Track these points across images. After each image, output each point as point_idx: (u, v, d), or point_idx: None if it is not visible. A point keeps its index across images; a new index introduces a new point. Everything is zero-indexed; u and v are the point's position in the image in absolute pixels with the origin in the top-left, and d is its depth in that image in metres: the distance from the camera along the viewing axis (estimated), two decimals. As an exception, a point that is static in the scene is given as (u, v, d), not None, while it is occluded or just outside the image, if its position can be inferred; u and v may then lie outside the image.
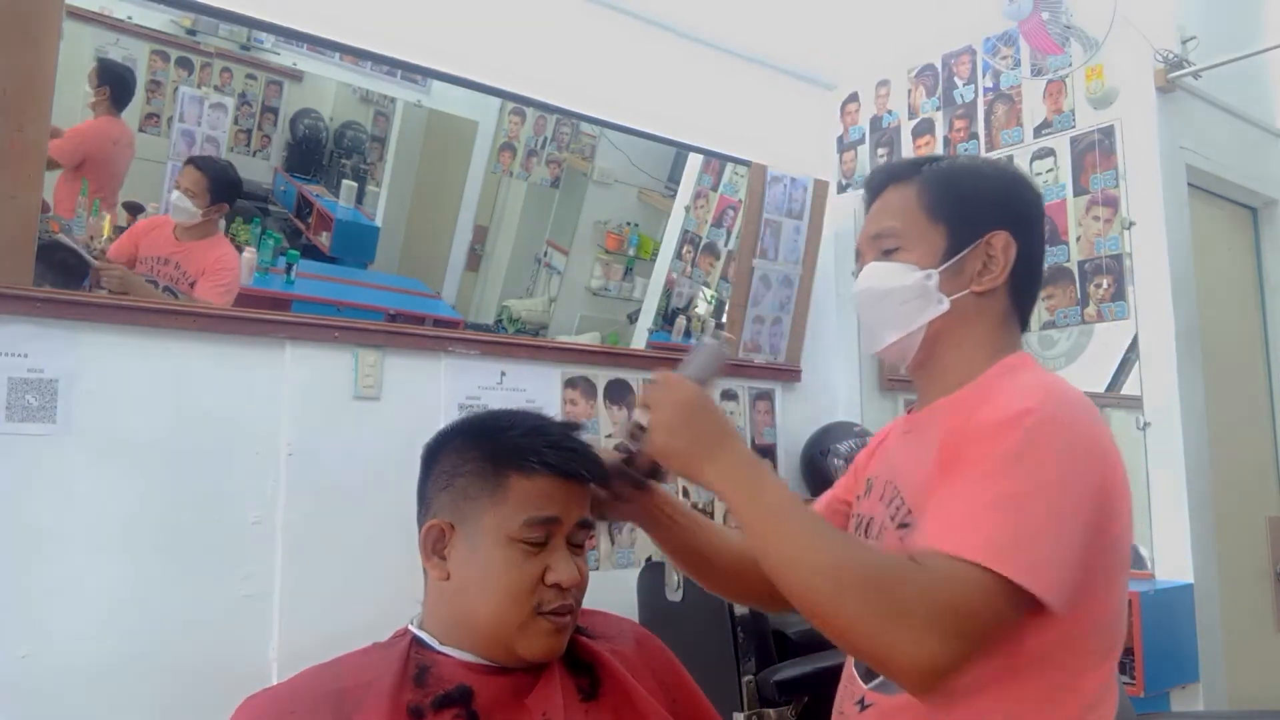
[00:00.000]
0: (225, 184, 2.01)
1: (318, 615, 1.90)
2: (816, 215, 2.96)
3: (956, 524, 0.87)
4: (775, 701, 2.02)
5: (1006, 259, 1.06)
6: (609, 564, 2.41)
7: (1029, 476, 0.87)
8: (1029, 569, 0.84)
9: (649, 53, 2.67)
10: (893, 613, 0.83)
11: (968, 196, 1.08)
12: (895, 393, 3.11)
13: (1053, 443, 0.90)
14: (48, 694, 1.63)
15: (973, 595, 0.83)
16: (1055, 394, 0.95)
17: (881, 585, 0.84)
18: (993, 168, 1.13)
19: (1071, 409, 0.94)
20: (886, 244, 1.09)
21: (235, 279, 2.03)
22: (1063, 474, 0.89)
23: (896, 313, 1.07)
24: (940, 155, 1.18)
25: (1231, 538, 2.58)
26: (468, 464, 1.06)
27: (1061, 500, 0.88)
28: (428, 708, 0.97)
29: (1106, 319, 2.51)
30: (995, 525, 0.85)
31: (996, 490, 0.87)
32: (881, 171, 1.15)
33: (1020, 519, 0.86)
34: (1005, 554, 0.83)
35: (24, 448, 1.66)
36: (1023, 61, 2.72)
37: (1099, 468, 0.92)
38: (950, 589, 0.83)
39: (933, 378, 1.09)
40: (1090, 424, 0.94)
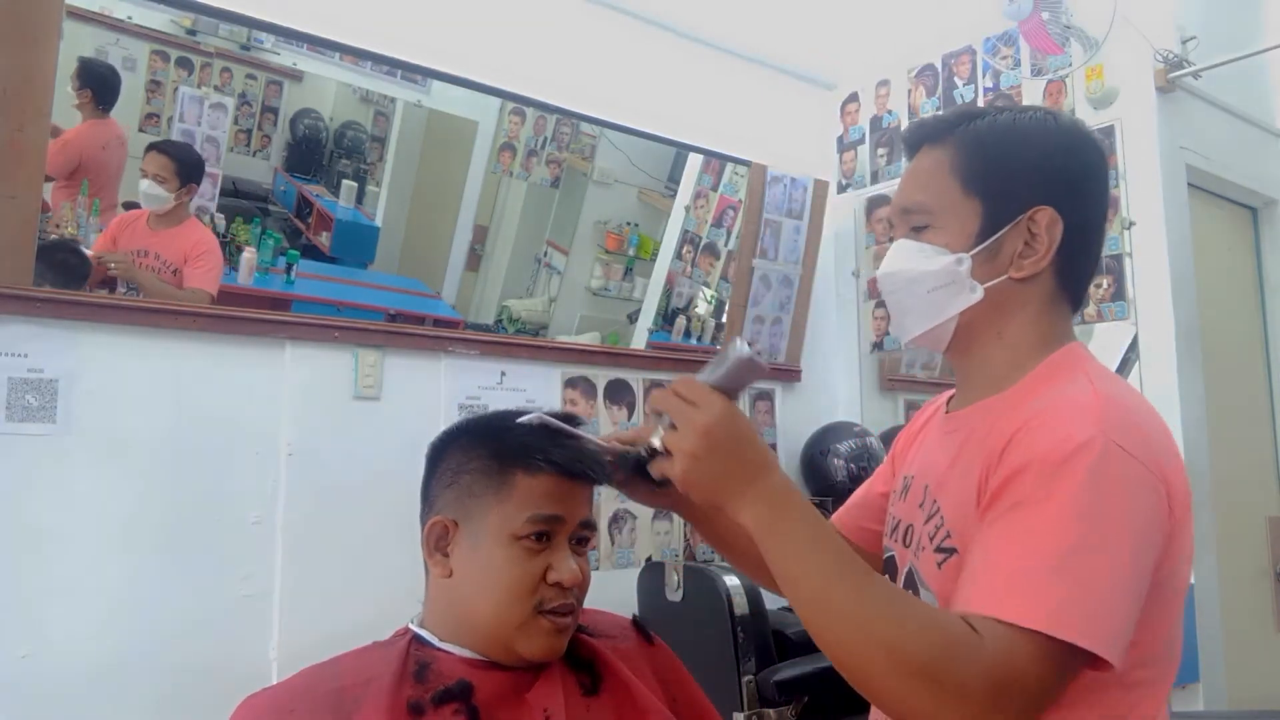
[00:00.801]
0: (191, 164, 2.00)
1: (318, 615, 1.90)
2: (816, 215, 2.96)
3: (1015, 587, 0.78)
4: (775, 701, 2.02)
5: (1051, 239, 0.92)
6: (609, 564, 2.41)
7: (1093, 529, 0.78)
8: (1092, 631, 0.77)
9: (649, 53, 2.67)
10: (953, 693, 0.75)
11: (1006, 165, 0.94)
12: (895, 393, 3.11)
13: (1116, 485, 0.80)
14: (48, 694, 1.63)
15: (1035, 666, 0.76)
16: (1114, 414, 0.84)
17: (940, 664, 0.76)
18: (1041, 126, 0.96)
19: (1133, 431, 0.84)
20: (916, 220, 0.97)
21: (219, 259, 2.02)
22: (1129, 520, 0.80)
23: (924, 301, 0.96)
24: (981, 110, 0.98)
25: (1231, 538, 2.58)
26: (473, 461, 1.06)
27: (1127, 551, 0.80)
28: (428, 703, 0.97)
29: (1106, 319, 2.51)
30: (1059, 589, 0.77)
31: (1058, 546, 0.78)
32: (917, 128, 1.02)
33: (1084, 578, 0.78)
34: (1069, 619, 0.76)
35: (24, 448, 1.66)
36: (1023, 61, 2.72)
37: (1163, 498, 0.83)
38: (1011, 664, 0.76)
39: (973, 370, 0.99)
40: (1150, 443, 0.84)
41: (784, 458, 2.88)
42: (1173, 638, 0.91)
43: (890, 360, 3.08)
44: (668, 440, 0.89)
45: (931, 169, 0.97)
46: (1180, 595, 0.90)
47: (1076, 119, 1.00)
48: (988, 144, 0.95)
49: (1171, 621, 0.89)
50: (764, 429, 2.88)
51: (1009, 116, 0.97)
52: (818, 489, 2.79)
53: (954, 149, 0.96)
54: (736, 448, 0.87)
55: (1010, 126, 0.96)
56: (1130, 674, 0.85)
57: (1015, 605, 0.77)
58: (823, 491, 2.76)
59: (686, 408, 0.88)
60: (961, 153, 0.95)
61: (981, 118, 0.97)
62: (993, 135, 0.95)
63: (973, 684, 0.75)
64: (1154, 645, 0.87)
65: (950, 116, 1.00)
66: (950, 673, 0.76)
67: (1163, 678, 0.90)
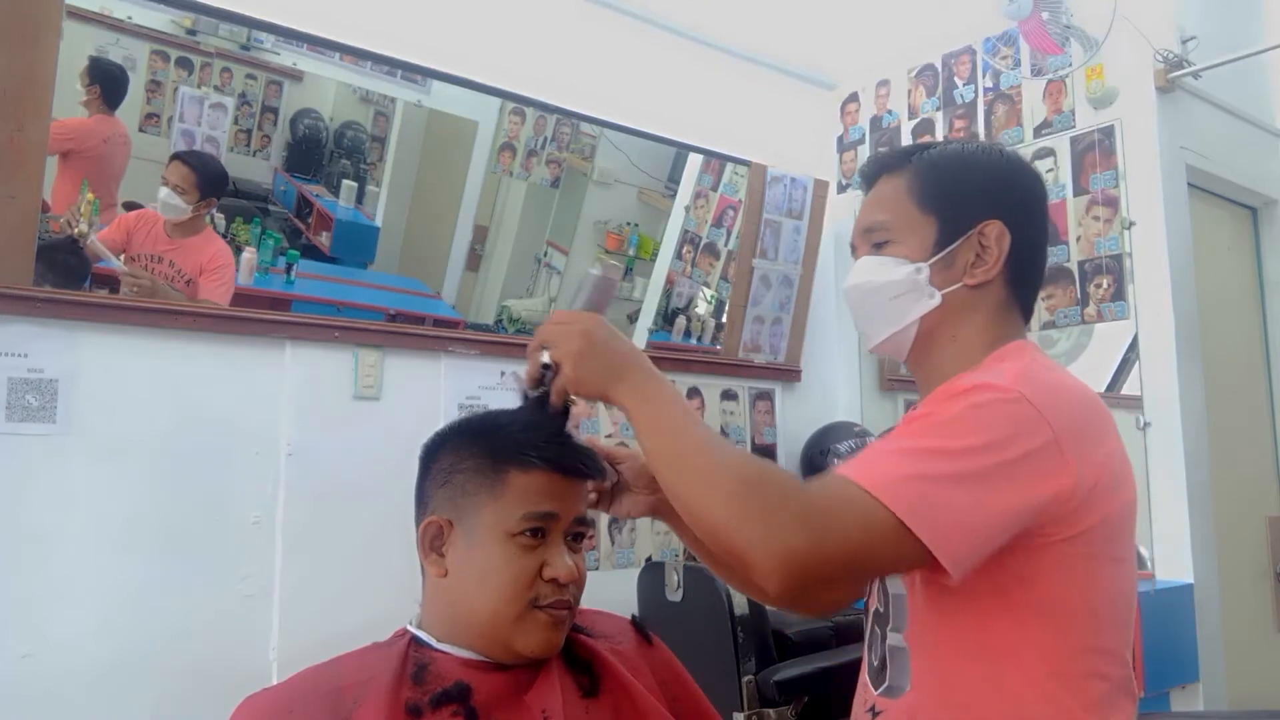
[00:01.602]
0: (213, 178, 2.00)
1: (318, 615, 1.90)
2: (816, 215, 2.96)
3: (868, 460, 0.86)
4: (775, 701, 2.02)
5: (1000, 249, 1.02)
6: (609, 564, 2.41)
7: (964, 439, 0.84)
8: (923, 516, 0.80)
9: (649, 53, 2.67)
10: (764, 504, 0.81)
11: (958, 185, 1.04)
12: (895, 393, 3.11)
13: (1005, 416, 0.86)
14: (48, 694, 1.63)
15: (852, 515, 0.81)
16: (1030, 379, 0.90)
17: (760, 483, 0.83)
18: (986, 154, 1.08)
19: (1046, 394, 0.89)
20: (877, 237, 1.06)
21: (233, 273, 2.03)
22: (1006, 445, 0.84)
23: (887, 308, 1.04)
24: (934, 142, 1.12)
25: (1231, 538, 2.58)
26: (466, 461, 1.06)
27: (992, 468, 0.83)
28: (426, 705, 0.98)
29: (1106, 319, 2.51)
30: (904, 467, 0.83)
31: (922, 442, 0.86)
32: (874, 161, 1.12)
33: (936, 472, 0.83)
34: (900, 494, 0.81)
35: (24, 448, 1.66)
36: (1023, 61, 2.72)
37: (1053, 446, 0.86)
38: (831, 501, 0.82)
39: (930, 372, 1.06)
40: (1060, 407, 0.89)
41: (784, 457, 2.88)
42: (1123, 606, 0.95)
43: (890, 360, 3.07)
44: (553, 355, 1.01)
45: (891, 193, 1.06)
46: (1122, 562, 0.94)
47: (1016, 151, 1.16)
48: (941, 167, 1.05)
49: (1111, 587, 0.93)
50: (764, 429, 2.88)
51: (958, 145, 1.09)
52: (818, 489, 2.79)
53: (910, 174, 1.05)
54: (610, 341, 0.99)
55: (960, 153, 1.08)
56: (1077, 637, 0.90)
57: (863, 470, 0.84)
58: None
59: (561, 326, 1.01)
60: (917, 176, 1.05)
61: (934, 148, 1.08)
62: (944, 160, 1.06)
63: (789, 504, 0.81)
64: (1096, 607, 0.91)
65: (905, 149, 1.11)
66: (771, 490, 0.82)
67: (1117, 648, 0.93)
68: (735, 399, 2.82)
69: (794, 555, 0.79)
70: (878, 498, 0.81)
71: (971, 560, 0.83)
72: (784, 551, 0.79)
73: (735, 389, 2.82)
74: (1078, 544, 0.88)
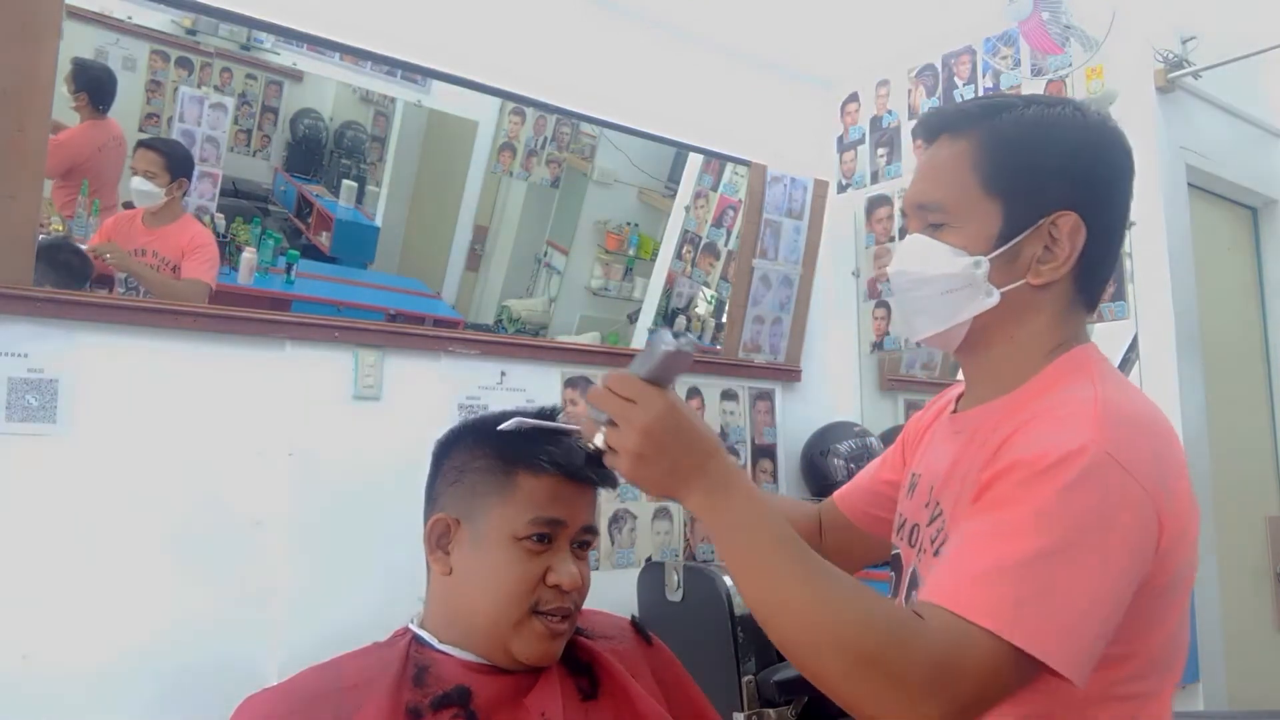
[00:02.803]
0: (180, 159, 2.00)
1: (318, 615, 1.90)
2: (816, 215, 2.96)
3: (973, 582, 0.77)
4: (775, 701, 2.02)
5: (1074, 245, 0.89)
6: (609, 564, 2.41)
7: (1061, 533, 0.76)
8: (1045, 638, 0.74)
9: (649, 53, 2.67)
10: (893, 679, 0.74)
11: (1031, 166, 0.90)
12: (895, 393, 3.11)
13: (1099, 497, 0.77)
14: (48, 694, 1.63)
15: (976, 661, 0.74)
16: (1114, 422, 0.81)
17: (882, 649, 0.74)
18: (1068, 125, 0.92)
19: (1132, 442, 0.81)
20: (933, 217, 0.93)
21: (215, 252, 2.03)
22: (1105, 535, 0.77)
23: (937, 303, 0.92)
24: (1006, 103, 0.93)
25: (1231, 538, 2.58)
26: (477, 460, 1.06)
27: (1097, 565, 0.77)
28: (426, 708, 0.98)
29: (1106, 319, 2.50)
30: (1016, 590, 0.75)
31: (1025, 549, 0.76)
32: (938, 116, 0.97)
33: (1045, 586, 0.75)
34: (1021, 622, 0.74)
35: (24, 448, 1.66)
36: (1023, 61, 2.72)
37: (1152, 518, 0.79)
38: (952, 652, 0.74)
39: (982, 371, 0.96)
40: (1149, 458, 0.81)
41: (784, 458, 2.88)
42: (1173, 648, 0.89)
43: (890, 360, 3.08)
44: (610, 439, 0.87)
45: (952, 163, 0.93)
46: (1179, 606, 0.88)
47: (1105, 116, 0.95)
48: (1012, 142, 0.91)
49: (1170, 632, 0.87)
50: (764, 429, 2.88)
51: (1036, 112, 0.93)
52: (818, 489, 2.79)
53: (976, 144, 0.92)
54: (678, 441, 0.84)
55: (1036, 123, 0.92)
56: (1126, 686, 0.84)
57: (968, 599, 0.75)
58: (823, 491, 2.76)
59: (625, 406, 0.85)
60: (984, 149, 0.91)
61: (1007, 111, 0.93)
62: (1017, 132, 0.91)
63: (913, 671, 0.73)
64: (1150, 656, 0.86)
65: (974, 108, 0.96)
66: (891, 659, 0.74)
67: (1161, 688, 0.89)
68: (735, 399, 2.82)
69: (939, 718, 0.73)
70: (996, 633, 0.74)
71: (1094, 661, 0.77)
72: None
73: (735, 389, 2.82)
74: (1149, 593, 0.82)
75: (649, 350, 0.87)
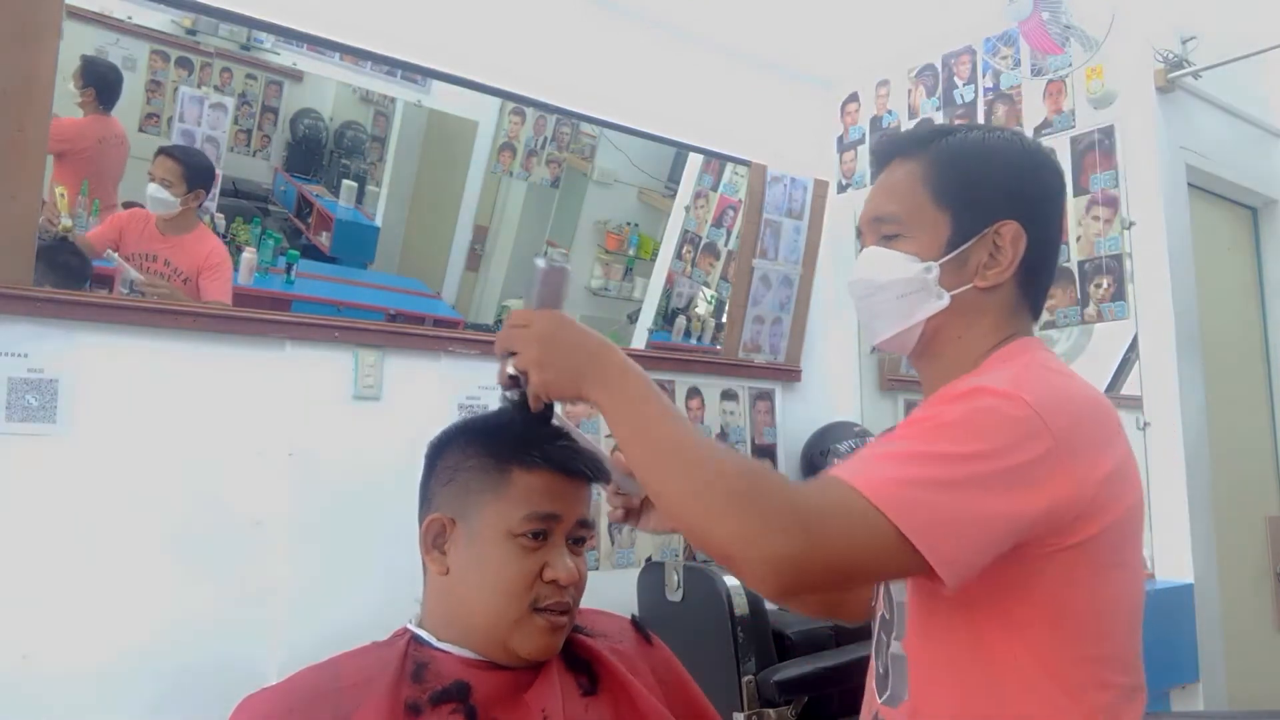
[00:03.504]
0: (200, 170, 2.00)
1: (318, 615, 1.90)
2: (816, 215, 2.96)
3: (855, 462, 0.83)
4: (775, 701, 2.02)
5: (1015, 251, 0.97)
6: (609, 564, 2.41)
7: (956, 442, 0.82)
8: (914, 519, 0.78)
9: (649, 53, 2.67)
10: (757, 513, 0.78)
11: (976, 181, 0.99)
12: (895, 393, 3.11)
13: (1000, 419, 0.83)
14: (48, 694, 1.63)
15: (846, 516, 0.78)
16: (1032, 381, 0.88)
17: (752, 486, 0.79)
18: (1007, 146, 1.02)
19: (1048, 400, 0.85)
20: (887, 229, 1.01)
21: (231, 270, 2.03)
22: (1002, 447, 0.81)
23: (893, 306, 1.00)
24: (952, 128, 1.05)
25: (1231, 538, 2.58)
26: (471, 459, 1.07)
27: (989, 472, 0.80)
28: (425, 704, 0.98)
29: (1106, 319, 2.51)
30: (894, 469, 0.81)
31: (914, 446, 0.83)
32: (889, 141, 1.06)
33: (926, 473, 0.80)
34: (895, 497, 0.78)
35: (24, 448, 1.66)
36: (1023, 61, 2.72)
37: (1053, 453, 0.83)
38: (823, 502, 0.79)
39: (934, 371, 1.03)
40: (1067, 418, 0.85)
41: (784, 457, 2.88)
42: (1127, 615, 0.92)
43: (890, 360, 3.08)
44: (516, 364, 0.96)
45: (904, 181, 1.01)
46: (1127, 569, 0.91)
47: (1038, 142, 1.07)
48: (959, 159, 1.00)
49: (1115, 594, 0.90)
50: (764, 429, 2.88)
51: (979, 134, 1.03)
52: (818, 489, 2.79)
53: (926, 162, 1.00)
54: (570, 340, 0.94)
55: (980, 144, 1.02)
56: (1077, 647, 0.88)
57: (855, 471, 0.81)
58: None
59: (519, 330, 0.96)
60: (934, 166, 1.00)
61: (953, 134, 1.02)
62: (963, 152, 1.01)
63: (778, 506, 0.78)
64: (1097, 615, 0.89)
65: (922, 132, 1.05)
66: (759, 492, 0.79)
67: (1120, 655, 0.91)
68: (735, 399, 2.82)
69: (787, 559, 0.77)
70: (874, 503, 0.78)
71: (968, 570, 0.81)
72: (776, 556, 0.77)
73: (735, 389, 2.82)
74: (1078, 552, 0.86)
75: (528, 280, 0.99)
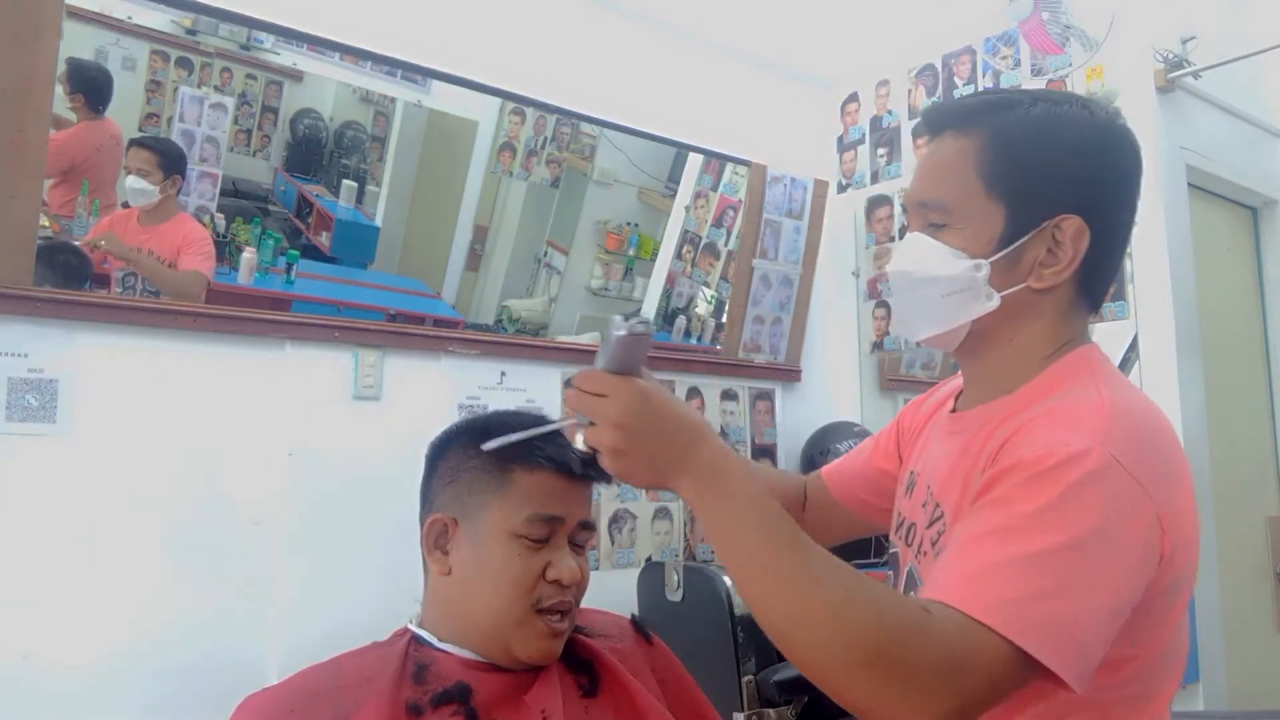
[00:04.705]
0: (174, 156, 1.99)
1: (318, 615, 1.90)
2: (816, 215, 2.96)
3: (978, 579, 0.75)
4: (775, 701, 2.02)
5: (1076, 249, 0.87)
6: (609, 564, 2.41)
7: (1066, 534, 0.74)
8: (1047, 640, 0.73)
9: (649, 53, 2.67)
10: (897, 672, 0.72)
11: (1036, 169, 0.88)
12: (895, 393, 3.11)
13: (1103, 500, 0.76)
14: (48, 694, 1.63)
15: (984, 659, 0.72)
16: (1120, 425, 0.80)
17: (888, 646, 0.72)
18: (1075, 124, 0.89)
19: (1138, 445, 0.80)
20: (934, 217, 0.91)
21: (211, 246, 2.03)
22: (1109, 539, 0.75)
23: (936, 305, 0.91)
24: (1013, 98, 0.91)
25: (1231, 538, 2.58)
26: (472, 459, 1.07)
27: (1101, 569, 0.75)
28: (426, 705, 0.98)
29: (1106, 319, 2.51)
30: (1014, 585, 0.74)
31: (1024, 544, 0.75)
32: (941, 111, 0.95)
33: (1050, 587, 0.74)
34: (1026, 622, 0.73)
35: (24, 448, 1.66)
36: (1023, 61, 2.72)
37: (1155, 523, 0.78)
38: (959, 648, 0.72)
39: (981, 372, 0.95)
40: (1154, 461, 0.80)
41: (784, 457, 2.88)
42: (1171, 653, 0.88)
43: (890, 360, 3.08)
44: (589, 438, 0.84)
45: (955, 162, 0.91)
46: (1178, 610, 0.87)
47: (1113, 114, 0.92)
48: (1017, 143, 0.89)
49: (1168, 638, 0.87)
50: (764, 429, 2.88)
51: (1042, 110, 0.90)
52: (818, 489, 2.79)
53: (981, 143, 0.90)
54: (656, 429, 0.81)
55: (1042, 123, 0.89)
56: (1123, 689, 0.83)
57: (974, 596, 0.74)
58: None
59: (595, 402, 0.82)
60: (989, 149, 0.89)
61: (1013, 109, 0.90)
62: (1022, 133, 0.89)
63: (922, 667, 0.71)
64: (1149, 660, 0.85)
65: (979, 104, 0.93)
66: (900, 654, 0.72)
67: (1160, 692, 0.88)
68: (735, 399, 2.82)
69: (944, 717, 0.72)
70: (1002, 634, 0.72)
71: (1094, 669, 0.76)
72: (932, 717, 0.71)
73: (735, 389, 2.82)
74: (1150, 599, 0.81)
75: (605, 341, 0.84)
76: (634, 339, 0.83)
